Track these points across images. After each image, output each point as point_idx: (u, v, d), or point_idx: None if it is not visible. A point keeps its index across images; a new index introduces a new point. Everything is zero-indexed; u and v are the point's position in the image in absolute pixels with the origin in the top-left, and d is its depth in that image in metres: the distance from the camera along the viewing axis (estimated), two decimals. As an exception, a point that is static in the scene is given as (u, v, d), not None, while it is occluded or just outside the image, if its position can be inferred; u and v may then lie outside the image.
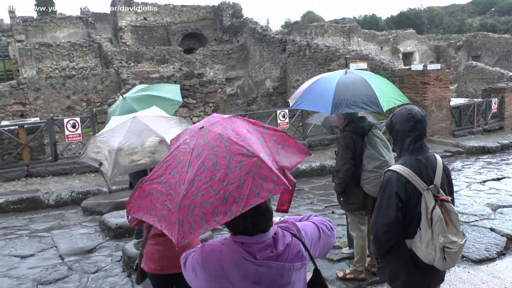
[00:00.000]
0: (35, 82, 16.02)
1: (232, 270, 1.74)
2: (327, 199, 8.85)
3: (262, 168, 1.65)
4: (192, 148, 1.74)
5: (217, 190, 1.60)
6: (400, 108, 3.06)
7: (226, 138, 1.74)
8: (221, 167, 1.65)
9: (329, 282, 4.95)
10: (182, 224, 1.56)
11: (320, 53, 16.46)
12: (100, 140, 3.41)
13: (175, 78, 12.02)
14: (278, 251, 1.81)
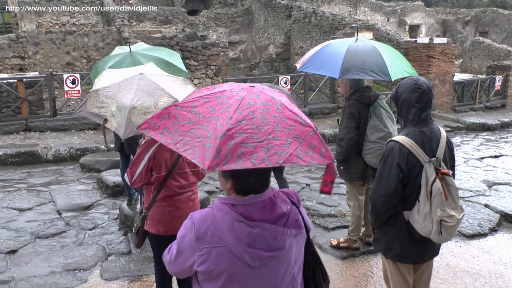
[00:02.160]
0: (34, 36, 15.76)
1: (226, 233, 1.72)
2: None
3: (312, 138, 1.67)
4: (242, 97, 1.70)
5: (261, 139, 1.58)
6: (406, 78, 3.01)
7: (280, 103, 1.73)
8: (270, 122, 1.63)
9: (323, 249, 5.02)
10: (219, 151, 1.52)
11: (326, 21, 16.19)
12: (105, 95, 3.28)
13: (177, 39, 11.83)
14: (274, 215, 1.79)
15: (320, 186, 4.49)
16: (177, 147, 1.62)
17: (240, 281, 1.77)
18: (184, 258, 1.81)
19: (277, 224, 1.78)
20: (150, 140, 3.43)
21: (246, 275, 1.76)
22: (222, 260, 1.73)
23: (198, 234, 1.74)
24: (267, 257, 1.76)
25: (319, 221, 5.86)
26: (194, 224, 1.77)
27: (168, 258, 1.92)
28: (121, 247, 5.23)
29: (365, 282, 4.36)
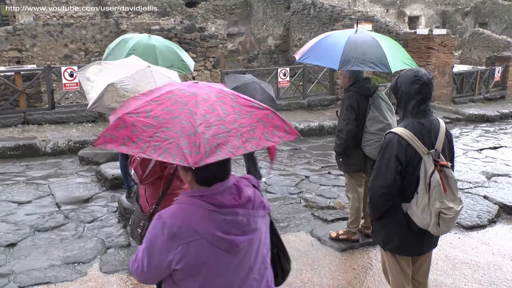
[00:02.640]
0: (32, 29, 15.68)
1: (200, 225, 1.74)
2: (324, 159, 8.88)
3: (274, 119, 1.76)
4: (194, 93, 1.73)
5: (228, 129, 1.63)
6: (406, 69, 2.98)
7: (231, 93, 1.79)
8: (230, 112, 1.69)
9: (322, 241, 5.02)
10: (199, 146, 1.55)
11: (325, 12, 16.11)
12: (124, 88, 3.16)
13: (175, 31, 11.77)
14: (243, 200, 1.83)
15: None
16: (147, 154, 1.59)
17: (219, 269, 1.79)
18: (159, 261, 1.78)
19: (246, 208, 1.83)
20: None
21: (225, 263, 1.79)
22: (200, 252, 1.74)
23: (171, 233, 1.73)
24: (243, 241, 1.81)
25: (318, 213, 5.86)
26: (166, 224, 1.75)
27: (137, 267, 1.85)
28: (120, 240, 5.23)
29: (364, 274, 4.37)
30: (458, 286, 4.17)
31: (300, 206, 6.20)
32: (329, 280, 4.24)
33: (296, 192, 6.90)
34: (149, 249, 1.79)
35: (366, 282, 4.23)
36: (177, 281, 1.82)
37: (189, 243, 1.73)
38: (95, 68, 3.19)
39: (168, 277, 1.83)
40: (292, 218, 5.76)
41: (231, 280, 1.83)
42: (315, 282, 4.19)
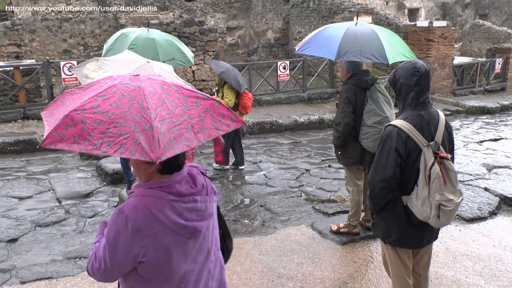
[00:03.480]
0: (30, 24, 15.63)
1: (164, 215, 1.78)
2: (324, 153, 8.88)
3: (219, 108, 1.82)
4: (139, 87, 1.72)
5: (180, 121, 1.67)
6: (404, 62, 2.98)
7: (174, 85, 1.83)
8: (177, 104, 1.72)
9: (323, 235, 5.03)
10: (158, 141, 1.57)
11: (324, 5, 16.04)
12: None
13: (174, 25, 11.73)
14: (198, 187, 1.91)
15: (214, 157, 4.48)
16: (103, 151, 1.58)
17: (184, 256, 1.87)
18: (124, 256, 1.78)
19: (202, 195, 1.92)
20: None
21: (188, 249, 1.88)
22: (165, 242, 1.79)
23: (136, 227, 1.75)
24: (203, 226, 1.91)
25: (319, 207, 5.86)
26: (129, 218, 1.75)
27: (99, 267, 1.84)
28: (121, 235, 5.23)
29: (365, 267, 4.37)
30: (459, 279, 4.18)
31: (301, 200, 6.20)
32: (330, 273, 4.24)
33: (296, 186, 6.90)
34: (112, 245, 1.78)
35: (367, 275, 4.23)
36: (143, 273, 1.84)
37: (154, 234, 1.76)
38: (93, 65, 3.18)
39: (131, 271, 1.85)
40: (293, 212, 5.76)
41: (194, 265, 1.92)
42: (316, 276, 4.20)
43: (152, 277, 1.84)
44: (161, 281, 1.85)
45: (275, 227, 5.30)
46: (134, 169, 1.91)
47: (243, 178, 7.32)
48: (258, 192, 6.63)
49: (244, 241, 4.95)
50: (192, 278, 1.92)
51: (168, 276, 1.84)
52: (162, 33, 6.11)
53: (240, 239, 5.00)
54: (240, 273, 4.25)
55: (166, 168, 1.84)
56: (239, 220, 5.60)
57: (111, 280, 1.90)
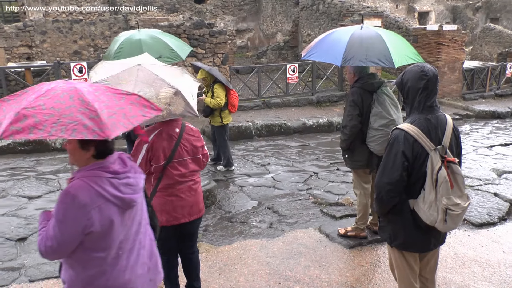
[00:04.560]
0: (41, 25, 15.77)
1: (104, 190, 2.11)
2: (333, 156, 8.85)
3: (142, 100, 2.23)
4: (74, 87, 2.02)
5: (114, 111, 2.01)
6: (412, 65, 2.97)
7: (101, 85, 2.25)
8: (109, 99, 2.08)
9: (330, 238, 5.01)
10: (105, 124, 1.89)
11: (334, 8, 16.02)
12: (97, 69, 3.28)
13: (184, 27, 11.76)
14: (128, 167, 2.29)
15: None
16: (58, 135, 1.83)
17: (122, 225, 2.21)
18: (73, 231, 2.07)
19: (132, 172, 2.29)
20: (147, 129, 3.43)
21: (125, 219, 2.22)
22: (108, 213, 2.12)
23: (82, 202, 2.05)
24: (137, 198, 2.26)
25: (326, 210, 5.84)
26: (75, 196, 2.05)
27: (51, 245, 2.08)
28: (129, 235, 5.25)
29: (373, 271, 4.35)
30: (468, 284, 4.14)
31: (309, 203, 6.19)
32: (337, 277, 4.23)
33: (304, 189, 6.88)
34: (62, 222, 2.06)
35: (375, 279, 4.21)
36: (89, 244, 2.12)
37: (98, 207, 2.08)
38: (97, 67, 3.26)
39: (78, 246, 2.11)
40: (301, 215, 5.75)
41: (129, 234, 2.27)
42: (323, 279, 4.18)
43: (96, 246, 2.14)
44: (104, 248, 2.16)
45: (282, 230, 5.29)
46: (70, 158, 2.22)
47: (251, 180, 7.32)
48: (266, 195, 6.63)
49: (252, 243, 4.95)
50: (127, 246, 2.26)
51: (110, 243, 2.16)
52: (152, 31, 6.11)
53: (248, 241, 5.00)
54: (247, 275, 4.25)
55: (100, 153, 2.17)
56: (246, 222, 5.60)
57: (63, 255, 2.15)
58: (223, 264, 4.48)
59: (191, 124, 3.59)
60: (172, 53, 5.81)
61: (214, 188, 6.31)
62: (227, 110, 7.25)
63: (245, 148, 9.55)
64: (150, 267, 2.43)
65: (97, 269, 2.18)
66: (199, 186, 3.58)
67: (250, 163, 8.28)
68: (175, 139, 3.37)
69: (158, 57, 5.58)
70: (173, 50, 5.84)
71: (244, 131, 10.37)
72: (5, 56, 15.10)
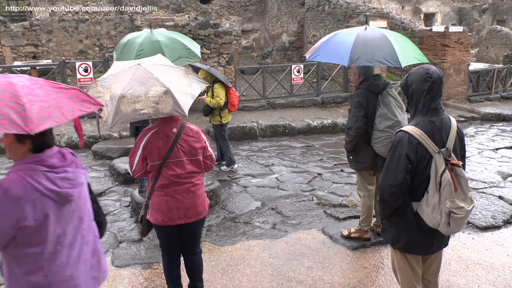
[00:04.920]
0: (47, 24, 15.84)
1: (39, 183, 2.08)
2: (337, 157, 8.83)
3: (81, 94, 2.24)
4: (9, 81, 2.02)
5: (48, 104, 2.01)
6: (416, 67, 2.96)
7: (41, 79, 2.20)
8: (45, 93, 2.07)
9: (334, 239, 5.00)
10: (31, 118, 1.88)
11: (339, 9, 16.01)
12: (102, 85, 3.29)
13: (189, 27, 11.78)
14: (68, 161, 2.27)
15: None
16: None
17: (59, 220, 2.18)
18: (5, 225, 2.03)
19: (72, 167, 2.28)
20: (146, 129, 3.43)
21: (62, 214, 2.19)
22: (42, 207, 2.09)
23: (15, 196, 2.02)
24: (74, 193, 2.24)
25: (330, 211, 5.83)
26: (7, 190, 2.02)
27: None
28: (132, 235, 5.26)
29: (376, 273, 4.34)
30: (471, 287, 4.12)
31: (312, 204, 6.18)
32: (340, 278, 4.21)
33: (308, 190, 6.87)
34: None
35: (378, 281, 4.19)
36: (21, 240, 2.10)
37: (32, 200, 2.06)
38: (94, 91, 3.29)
39: (11, 241, 2.08)
40: (304, 216, 5.74)
41: (67, 229, 2.23)
42: (326, 280, 4.17)
43: (30, 241, 2.11)
44: (38, 243, 2.12)
45: (285, 231, 5.28)
46: (7, 152, 2.20)
47: (255, 181, 7.32)
48: (269, 195, 6.62)
49: (255, 243, 4.94)
50: (67, 241, 2.23)
51: (45, 237, 2.13)
52: (166, 32, 6.10)
53: (251, 241, 5.00)
54: (250, 276, 4.25)
55: (37, 147, 2.16)
56: (249, 222, 5.59)
57: None
58: (226, 265, 4.48)
59: (192, 125, 3.56)
60: (190, 53, 5.81)
61: (218, 188, 6.30)
62: (226, 110, 7.27)
63: (249, 149, 9.54)
64: (93, 264, 2.41)
65: (33, 265, 2.15)
66: (198, 189, 3.52)
67: (254, 164, 8.28)
68: (171, 139, 3.35)
69: (178, 58, 5.58)
70: (190, 49, 5.84)
71: (249, 131, 10.36)
72: (12, 55, 15.17)
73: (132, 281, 4.22)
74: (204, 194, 3.63)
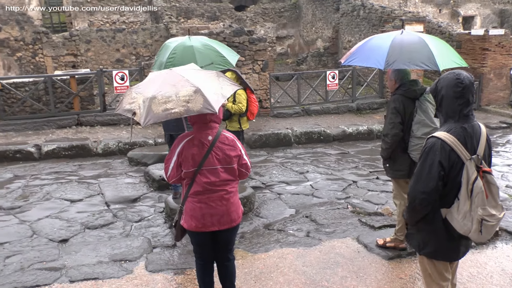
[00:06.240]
0: (86, 34, 16.32)
1: None
2: (372, 164, 8.67)
3: None
4: None
5: None
6: (447, 72, 2.91)
7: None
8: None
9: (369, 249, 4.89)
10: None
11: (374, 13, 15.80)
12: (136, 91, 3.38)
13: (224, 34, 11.87)
14: None
15: None
16: None
17: None
18: None
19: None
20: (181, 135, 3.45)
21: None
22: None
23: None
24: None
25: (365, 219, 5.71)
26: None
27: None
28: (166, 240, 5.30)
29: (412, 284, 4.20)
30: (515, 301, 3.93)
31: (347, 212, 6.07)
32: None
33: (343, 197, 6.76)
34: None
35: (415, 292, 4.06)
36: None
37: None
38: (129, 97, 3.38)
39: None
40: (339, 224, 5.64)
41: None
42: (360, 290, 4.07)
43: None
44: None
45: (319, 239, 5.20)
46: None
47: (289, 188, 7.26)
48: (303, 203, 6.55)
49: (288, 251, 4.88)
50: None
51: None
52: (203, 38, 6.15)
53: (284, 249, 4.94)
54: (283, 284, 4.19)
55: None
56: (283, 230, 5.54)
57: None
58: (259, 272, 4.44)
59: (228, 133, 3.55)
60: (223, 60, 5.86)
61: (252, 195, 6.28)
62: (245, 117, 7.21)
63: (284, 156, 9.49)
64: None
65: None
66: (232, 196, 3.50)
67: (288, 171, 8.22)
68: (206, 146, 3.36)
69: (210, 63, 5.63)
70: (224, 57, 5.90)
71: (283, 138, 10.32)
72: (53, 64, 15.70)
73: (165, 286, 4.24)
74: (238, 201, 3.61)
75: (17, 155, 8.91)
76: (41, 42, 15.77)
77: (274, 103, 12.83)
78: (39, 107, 10.87)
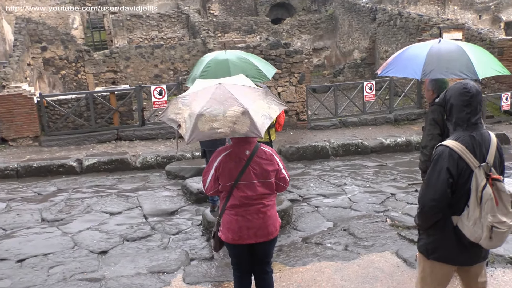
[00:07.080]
0: (125, 51, 16.79)
1: None
2: (411, 176, 8.47)
3: None
4: None
5: None
6: (455, 82, 2.98)
7: None
8: None
9: (408, 263, 4.76)
10: None
11: (411, 22, 15.53)
12: (182, 102, 3.40)
13: (261, 47, 11.94)
14: None
15: None
16: None
17: None
18: None
19: None
20: (219, 149, 3.46)
21: None
22: None
23: None
24: None
25: (404, 233, 5.56)
26: None
27: None
28: (203, 253, 5.32)
29: (456, 299, 4.05)
30: None
31: (386, 225, 5.94)
32: (416, 304, 3.97)
33: (381, 210, 6.62)
34: None
35: (458, 309, 3.91)
36: None
37: None
38: (175, 107, 3.40)
39: None
40: (377, 237, 5.52)
41: None
42: (401, 306, 3.95)
43: None
44: None
45: (358, 253, 5.10)
46: None
47: (327, 201, 7.17)
48: (341, 216, 6.45)
49: (326, 265, 4.81)
50: None
51: None
52: (239, 52, 6.19)
53: (322, 263, 4.88)
54: (320, 299, 4.12)
55: None
56: (321, 243, 5.47)
57: None
58: (296, 286, 4.39)
59: (266, 147, 3.55)
60: (259, 73, 5.88)
61: (290, 208, 6.24)
62: (274, 128, 7.15)
63: (321, 168, 9.40)
64: None
65: None
66: (269, 209, 3.49)
67: (326, 183, 8.13)
68: (244, 161, 3.36)
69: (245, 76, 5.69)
70: (260, 70, 5.92)
71: (321, 150, 10.24)
72: (94, 81, 16.22)
73: (202, 299, 4.24)
74: (276, 214, 3.59)
75: (60, 169, 9.22)
76: (83, 60, 16.34)
77: (311, 115, 12.76)
78: (81, 123, 11.24)
